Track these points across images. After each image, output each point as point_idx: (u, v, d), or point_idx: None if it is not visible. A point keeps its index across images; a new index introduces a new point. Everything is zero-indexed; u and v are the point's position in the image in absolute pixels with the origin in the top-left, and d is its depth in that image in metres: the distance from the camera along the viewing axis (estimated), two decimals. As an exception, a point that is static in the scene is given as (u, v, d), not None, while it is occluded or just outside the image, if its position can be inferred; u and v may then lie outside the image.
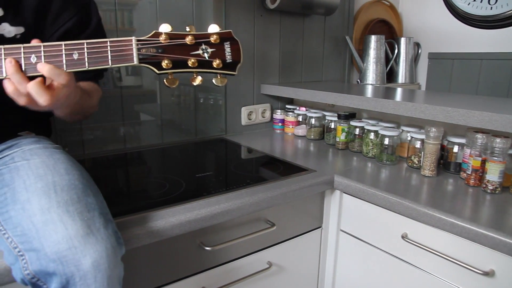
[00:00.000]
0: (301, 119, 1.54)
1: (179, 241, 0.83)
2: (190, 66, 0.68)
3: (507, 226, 0.77)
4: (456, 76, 1.94)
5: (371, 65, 1.87)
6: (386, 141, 1.17)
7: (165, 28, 0.67)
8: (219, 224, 0.88)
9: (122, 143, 1.31)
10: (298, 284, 1.11)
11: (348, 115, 1.34)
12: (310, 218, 1.08)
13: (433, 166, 1.06)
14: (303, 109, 1.55)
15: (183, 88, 1.41)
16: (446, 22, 1.95)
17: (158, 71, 0.67)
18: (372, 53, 1.86)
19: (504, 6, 1.73)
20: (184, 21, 1.36)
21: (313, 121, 1.47)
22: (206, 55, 0.69)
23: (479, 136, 0.97)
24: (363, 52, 1.89)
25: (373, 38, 1.85)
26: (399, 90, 1.50)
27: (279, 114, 1.61)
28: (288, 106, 1.65)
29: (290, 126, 1.57)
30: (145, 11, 1.27)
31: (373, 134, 1.22)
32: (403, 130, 1.22)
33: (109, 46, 0.64)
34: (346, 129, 1.33)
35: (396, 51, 1.98)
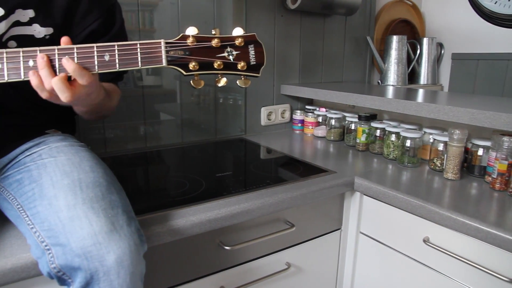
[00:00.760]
0: (321, 120, 1.53)
1: (199, 240, 0.84)
2: (216, 68, 0.70)
3: (535, 232, 0.74)
4: (480, 77, 1.90)
5: (393, 66, 1.84)
6: (408, 143, 1.15)
7: (192, 31, 0.68)
8: (239, 223, 0.88)
9: (143, 142, 1.33)
10: (317, 286, 1.10)
11: (369, 116, 1.33)
12: (329, 220, 1.08)
13: (456, 169, 1.03)
14: (323, 109, 1.54)
15: (203, 88, 1.42)
16: (470, 21, 1.90)
17: (185, 73, 0.68)
18: (393, 53, 1.83)
19: (532, 5, 1.68)
20: (205, 21, 1.37)
21: (333, 122, 1.45)
22: (231, 58, 0.70)
23: (506, 139, 0.95)
24: (384, 52, 1.87)
25: (394, 38, 1.82)
26: (421, 91, 1.48)
27: (299, 114, 1.61)
28: (307, 107, 1.64)
29: (310, 127, 1.56)
30: (165, 12, 1.29)
31: (394, 135, 1.21)
32: (425, 132, 1.20)
33: (139, 48, 0.65)
34: (366, 130, 1.31)
35: (418, 52, 1.95)
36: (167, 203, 0.85)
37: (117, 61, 0.65)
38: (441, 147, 1.10)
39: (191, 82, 0.71)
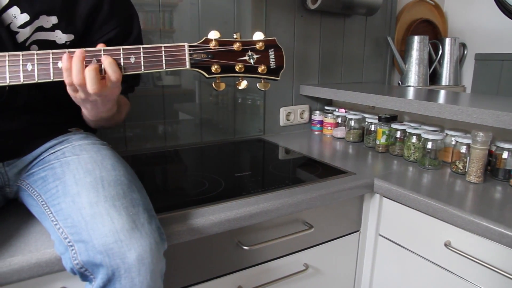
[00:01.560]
0: (340, 121, 1.52)
1: (218, 239, 0.84)
2: (237, 71, 0.72)
3: (563, 238, 0.72)
4: (505, 78, 1.85)
5: (414, 66, 1.81)
6: (429, 145, 1.13)
7: (214, 34, 0.71)
8: (257, 224, 0.88)
9: (162, 141, 1.35)
10: (334, 287, 1.09)
11: (389, 118, 1.31)
12: (348, 221, 1.07)
13: (479, 172, 1.01)
14: (343, 110, 1.52)
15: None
16: (495, 21, 1.85)
17: (207, 75, 0.71)
18: (414, 54, 1.81)
19: (560, 4, 1.63)
20: (225, 22, 1.37)
21: (352, 123, 1.44)
22: (252, 61, 0.73)
23: (532, 142, 0.92)
24: (405, 53, 1.84)
25: (416, 38, 1.80)
26: (443, 92, 1.45)
27: (318, 115, 1.60)
28: (326, 108, 1.63)
29: (329, 128, 1.55)
30: (184, 12, 1.30)
31: (415, 137, 1.19)
32: (447, 134, 1.17)
33: (163, 51, 0.68)
34: (386, 132, 1.29)
35: (440, 52, 1.91)
36: (187, 202, 0.85)
37: (142, 63, 0.67)
38: (463, 150, 1.08)
39: (213, 84, 0.73)
